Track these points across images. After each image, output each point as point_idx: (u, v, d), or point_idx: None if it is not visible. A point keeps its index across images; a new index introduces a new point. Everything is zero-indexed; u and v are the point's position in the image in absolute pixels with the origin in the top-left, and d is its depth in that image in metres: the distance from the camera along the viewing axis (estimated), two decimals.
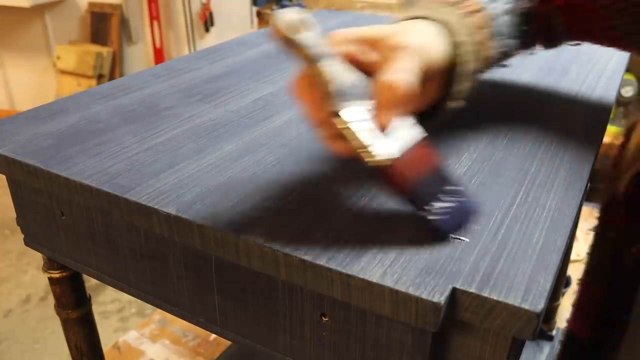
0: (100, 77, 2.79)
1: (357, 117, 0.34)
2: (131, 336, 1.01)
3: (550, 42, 0.50)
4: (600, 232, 0.49)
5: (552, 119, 0.53)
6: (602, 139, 0.50)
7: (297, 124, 0.52)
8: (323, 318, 0.38)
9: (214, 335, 1.00)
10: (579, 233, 1.28)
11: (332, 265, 0.33)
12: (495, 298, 0.30)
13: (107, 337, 0.81)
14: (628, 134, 0.49)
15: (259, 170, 0.44)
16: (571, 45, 0.50)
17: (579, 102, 0.57)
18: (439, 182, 0.36)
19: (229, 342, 1.00)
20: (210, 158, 0.46)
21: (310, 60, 0.34)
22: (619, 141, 0.50)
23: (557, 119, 0.54)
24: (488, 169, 0.44)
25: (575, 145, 0.48)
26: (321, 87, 0.34)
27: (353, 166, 0.44)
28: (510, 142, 0.49)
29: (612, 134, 2.16)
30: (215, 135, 0.50)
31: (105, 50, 2.77)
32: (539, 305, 0.30)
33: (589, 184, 0.43)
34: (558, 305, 0.99)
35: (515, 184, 0.42)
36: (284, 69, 0.68)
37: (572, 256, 1.21)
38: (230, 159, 0.46)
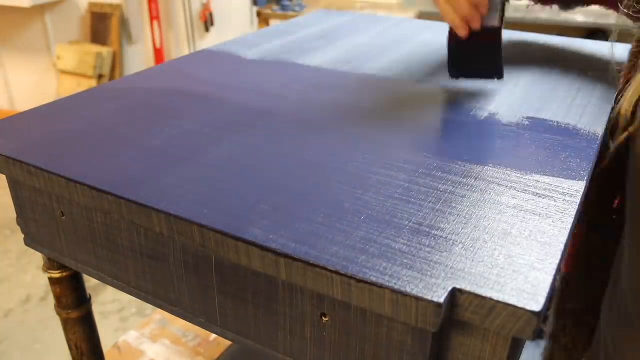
0: (100, 77, 2.79)
1: None
2: (131, 336, 1.01)
3: (566, 4, 0.61)
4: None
5: (553, 118, 0.53)
6: (601, 140, 0.50)
7: (298, 123, 0.52)
8: (323, 318, 0.38)
9: (214, 335, 1.00)
10: None
11: (333, 265, 0.33)
12: (495, 298, 0.30)
13: (107, 337, 0.82)
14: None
15: (260, 170, 0.44)
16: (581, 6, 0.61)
17: (581, 99, 0.57)
18: None
19: (229, 342, 1.00)
20: (210, 158, 0.46)
21: None
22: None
23: (558, 118, 0.53)
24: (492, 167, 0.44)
25: (574, 147, 0.48)
26: None
27: (353, 166, 0.44)
28: (511, 140, 0.49)
29: None
30: (216, 135, 0.50)
31: (105, 50, 2.77)
32: (539, 305, 0.30)
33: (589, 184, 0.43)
34: None
35: (515, 183, 0.42)
36: (284, 72, 0.68)
37: None
38: (230, 160, 0.46)
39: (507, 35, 0.82)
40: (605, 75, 0.65)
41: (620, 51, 0.73)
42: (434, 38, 0.82)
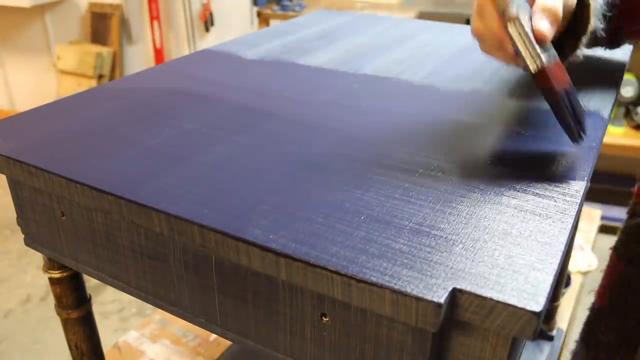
0: (100, 77, 2.79)
1: (525, 27, 0.43)
2: (131, 336, 1.01)
3: (613, 43, 0.58)
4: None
5: (552, 118, 0.53)
6: (602, 139, 0.50)
7: (298, 123, 0.52)
8: (323, 318, 0.38)
9: (214, 335, 1.00)
10: (585, 243, 1.28)
11: (333, 265, 0.33)
12: (495, 298, 0.30)
13: (107, 337, 0.82)
14: None
15: (260, 170, 0.44)
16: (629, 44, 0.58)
17: (581, 98, 0.57)
18: (574, 97, 0.45)
19: (229, 342, 1.00)
20: (210, 158, 0.46)
21: None
22: None
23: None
24: (485, 170, 0.44)
25: (575, 147, 0.48)
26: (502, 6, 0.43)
27: (353, 166, 0.44)
28: (511, 140, 0.49)
29: (612, 134, 2.16)
30: (216, 135, 0.50)
31: (105, 50, 2.77)
32: (539, 305, 0.30)
33: (589, 184, 0.43)
34: (558, 306, 0.99)
35: (515, 183, 0.42)
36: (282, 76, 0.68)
37: (584, 267, 1.21)
38: (230, 160, 0.46)
39: None
40: (605, 76, 0.65)
41: (619, 54, 0.73)
42: (434, 38, 0.82)
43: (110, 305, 1.77)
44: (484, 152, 0.47)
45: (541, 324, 0.31)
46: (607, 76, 0.65)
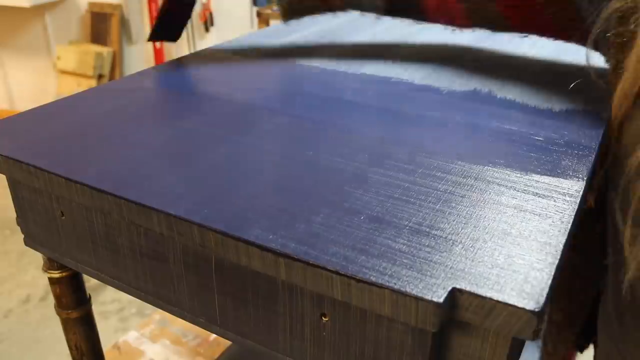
0: (100, 77, 2.79)
1: None
2: (131, 336, 1.01)
3: (491, 27, 0.61)
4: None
5: (552, 119, 0.53)
6: (602, 139, 0.50)
7: (298, 123, 0.52)
8: (323, 318, 0.38)
9: (214, 335, 1.00)
10: None
11: (332, 265, 0.33)
12: (495, 298, 0.30)
13: (107, 337, 0.81)
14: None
15: (260, 170, 0.44)
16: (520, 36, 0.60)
17: (579, 101, 0.57)
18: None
19: (229, 342, 1.00)
20: (210, 158, 0.46)
21: None
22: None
23: (557, 118, 0.54)
24: (486, 170, 0.44)
25: (575, 145, 0.48)
26: None
27: (353, 166, 0.45)
28: (510, 140, 0.49)
29: None
30: (216, 135, 0.50)
31: (105, 51, 2.78)
32: (539, 305, 0.30)
33: (589, 184, 0.43)
34: None
35: (515, 183, 0.42)
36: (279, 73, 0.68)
37: None
38: (231, 160, 0.46)
39: (508, 35, 0.82)
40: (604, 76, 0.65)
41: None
42: (434, 38, 0.82)
43: (110, 305, 1.78)
44: (483, 151, 0.47)
45: (541, 324, 0.31)
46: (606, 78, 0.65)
